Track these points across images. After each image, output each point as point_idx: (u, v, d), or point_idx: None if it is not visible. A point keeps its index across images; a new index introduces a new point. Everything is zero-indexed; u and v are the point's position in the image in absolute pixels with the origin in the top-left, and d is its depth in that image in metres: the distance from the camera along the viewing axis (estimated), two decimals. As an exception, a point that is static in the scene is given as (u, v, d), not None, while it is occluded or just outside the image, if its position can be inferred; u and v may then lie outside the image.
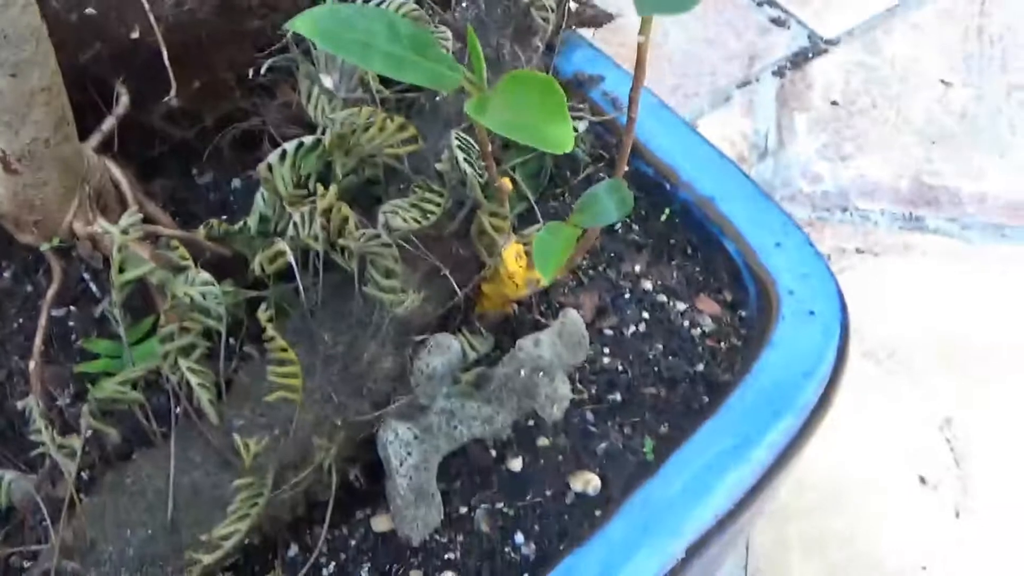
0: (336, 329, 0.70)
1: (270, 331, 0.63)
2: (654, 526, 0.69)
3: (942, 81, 1.48)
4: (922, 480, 1.13)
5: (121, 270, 0.67)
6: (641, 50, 0.59)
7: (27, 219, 0.72)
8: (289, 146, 0.70)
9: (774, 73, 1.52)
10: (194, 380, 0.64)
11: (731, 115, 1.48)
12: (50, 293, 0.72)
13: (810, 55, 1.54)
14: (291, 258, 0.67)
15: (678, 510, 0.70)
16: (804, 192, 1.38)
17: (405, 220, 0.68)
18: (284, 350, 0.63)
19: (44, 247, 0.73)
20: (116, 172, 0.76)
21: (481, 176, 0.70)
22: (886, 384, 1.23)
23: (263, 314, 0.63)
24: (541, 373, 0.66)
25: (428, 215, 0.70)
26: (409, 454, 0.68)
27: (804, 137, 1.44)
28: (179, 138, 0.89)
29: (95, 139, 0.76)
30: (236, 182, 0.91)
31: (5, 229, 0.74)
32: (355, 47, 0.53)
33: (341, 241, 0.68)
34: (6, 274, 0.79)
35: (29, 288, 0.78)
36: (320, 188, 0.69)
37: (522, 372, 0.66)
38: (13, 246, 0.79)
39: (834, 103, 1.47)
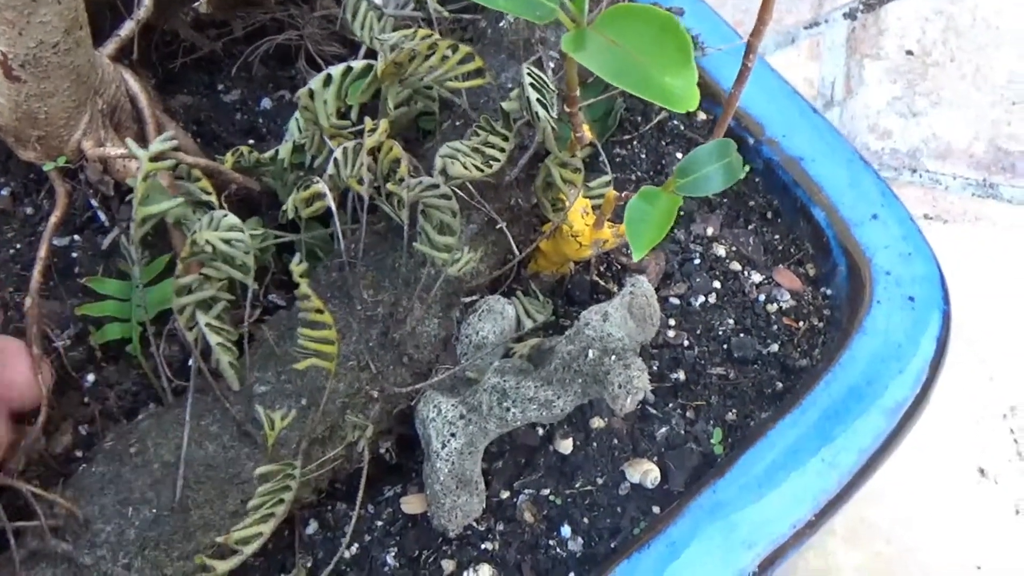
0: (377, 286, 0.61)
1: (304, 288, 0.54)
2: (723, 534, 0.61)
3: (1027, 37, 1.37)
4: (981, 472, 1.05)
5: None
6: (771, -13, 0.49)
7: (29, 133, 0.62)
8: (335, 70, 0.60)
9: (845, 15, 1.40)
10: (214, 339, 0.55)
11: (796, 58, 1.36)
12: (52, 220, 0.63)
13: (885, -2, 1.42)
14: (331, 203, 0.58)
15: (751, 517, 0.61)
16: (871, 148, 1.27)
17: (466, 167, 0.58)
18: (320, 311, 0.54)
19: (48, 167, 0.64)
20: (133, 85, 0.66)
21: (555, 120, 0.60)
22: (947, 364, 1.14)
23: (297, 267, 0.54)
24: (614, 356, 0.57)
25: (491, 162, 0.60)
26: (453, 435, 0.59)
27: (874, 88, 1.33)
28: (205, 49, 0.78)
29: (111, 45, 0.66)
30: (266, 102, 0.81)
31: (4, 143, 0.65)
32: (434, -39, 0.44)
33: (390, 187, 0.58)
34: (3, 192, 0.69)
35: (29, 210, 0.69)
36: (368, 121, 0.59)
37: (590, 353, 0.57)
38: (12, 160, 0.69)
39: (909, 53, 1.36)
